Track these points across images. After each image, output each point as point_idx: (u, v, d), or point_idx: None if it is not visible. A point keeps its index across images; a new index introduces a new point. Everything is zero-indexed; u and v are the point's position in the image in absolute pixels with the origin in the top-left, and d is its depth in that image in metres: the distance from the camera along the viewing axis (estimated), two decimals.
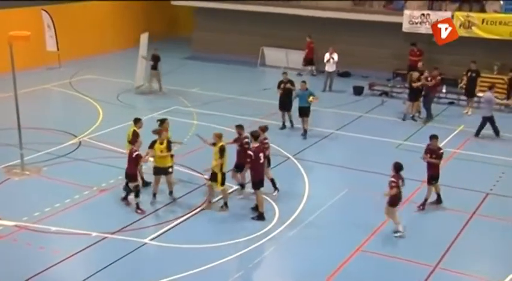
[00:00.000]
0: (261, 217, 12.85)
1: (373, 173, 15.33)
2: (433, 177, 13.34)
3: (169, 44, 33.13)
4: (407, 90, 20.76)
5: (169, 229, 12.44)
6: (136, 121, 14.36)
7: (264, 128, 13.67)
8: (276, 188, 13.92)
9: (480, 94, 21.91)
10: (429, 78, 19.89)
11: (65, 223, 12.58)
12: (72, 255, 11.39)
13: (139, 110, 20.76)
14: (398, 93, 22.96)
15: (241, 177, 13.97)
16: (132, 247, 11.68)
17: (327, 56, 24.00)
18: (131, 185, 13.11)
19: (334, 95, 23.73)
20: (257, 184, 12.79)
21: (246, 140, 13.44)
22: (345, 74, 26.80)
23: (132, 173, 13.07)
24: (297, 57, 27.62)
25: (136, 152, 12.94)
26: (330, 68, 24.03)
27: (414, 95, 19.92)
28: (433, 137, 13.47)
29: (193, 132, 13.86)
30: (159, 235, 12.16)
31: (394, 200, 12.29)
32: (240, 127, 13.83)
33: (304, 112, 18.12)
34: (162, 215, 13.06)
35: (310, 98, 17.84)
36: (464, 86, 21.31)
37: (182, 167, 15.58)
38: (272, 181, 13.86)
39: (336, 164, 16.08)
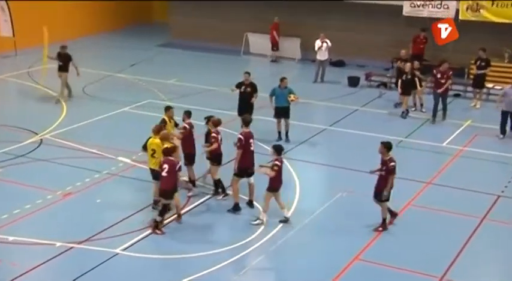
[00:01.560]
0: (236, 207, 13.30)
1: (367, 172, 15.30)
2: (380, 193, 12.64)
3: (143, 30, 33.03)
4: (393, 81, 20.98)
5: (143, 238, 12.33)
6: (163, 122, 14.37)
7: (217, 122, 13.91)
8: (224, 191, 13.95)
9: (490, 85, 22.03)
10: (438, 75, 19.28)
11: (25, 231, 12.42)
12: (33, 268, 11.24)
13: (108, 104, 20.65)
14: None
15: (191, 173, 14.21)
16: (102, 258, 11.57)
17: (318, 43, 23.98)
18: (165, 202, 12.59)
19: (326, 86, 23.75)
20: (242, 171, 13.20)
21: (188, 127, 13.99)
22: (338, 63, 26.82)
23: (172, 189, 12.56)
24: (286, 45, 27.62)
25: (180, 164, 12.68)
26: (321, 56, 24.04)
27: (407, 87, 19.87)
28: (385, 145, 12.78)
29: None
30: (131, 245, 12.05)
31: (275, 185, 12.64)
32: (185, 113, 14.28)
33: (283, 112, 17.29)
34: (135, 222, 12.94)
35: (292, 97, 17.07)
36: (472, 77, 21.43)
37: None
38: (216, 183, 13.94)
39: (329, 164, 16.07)
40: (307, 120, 18.94)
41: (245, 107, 17.44)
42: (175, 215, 13.01)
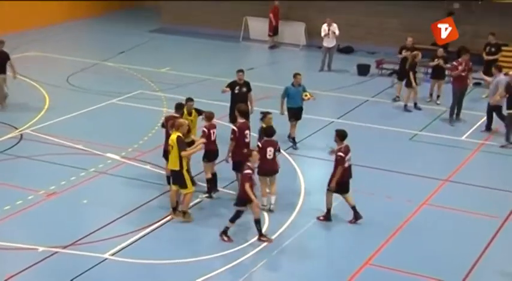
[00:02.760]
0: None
1: (382, 170, 15.30)
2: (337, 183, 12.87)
3: (133, 14, 32.98)
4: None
5: (133, 242, 12.31)
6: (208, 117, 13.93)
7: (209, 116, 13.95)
8: (209, 191, 13.97)
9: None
10: (459, 67, 18.61)
11: (4, 235, 12.38)
12: (14, 275, 11.19)
13: (95, 95, 20.63)
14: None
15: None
16: (89, 264, 11.54)
17: (324, 28, 23.94)
18: (240, 208, 12.36)
19: (334, 75, 23.73)
20: (236, 164, 13.44)
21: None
22: (346, 50, 26.79)
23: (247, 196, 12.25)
24: (289, 30, 27.58)
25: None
26: (329, 43, 24.01)
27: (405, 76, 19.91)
28: (338, 133, 13.07)
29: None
30: (121, 249, 12.03)
31: (262, 168, 13.08)
32: (205, 117, 14.02)
33: (298, 114, 16.81)
34: (125, 225, 12.93)
35: (307, 95, 16.62)
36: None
37: (148, 164, 15.53)
38: (208, 181, 13.93)
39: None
40: (312, 113, 18.87)
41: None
42: (176, 213, 13.09)
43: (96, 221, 12.97)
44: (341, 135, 13.00)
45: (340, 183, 12.90)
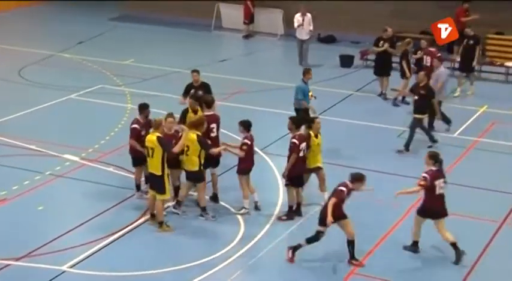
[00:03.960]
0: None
1: (368, 171, 15.31)
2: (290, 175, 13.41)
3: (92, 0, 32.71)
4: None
5: (94, 253, 12.25)
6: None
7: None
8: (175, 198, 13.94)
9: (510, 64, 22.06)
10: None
11: None
12: None
13: (50, 90, 20.51)
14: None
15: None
16: (45, 278, 11.46)
17: (298, 18, 23.58)
18: (321, 229, 11.92)
19: (314, 67, 23.44)
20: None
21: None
22: (328, 39, 26.86)
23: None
24: (265, 18, 27.59)
25: None
26: (303, 34, 23.70)
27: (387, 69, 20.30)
28: (289, 119, 13.63)
29: None
30: (81, 261, 11.98)
31: (246, 166, 13.47)
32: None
33: (299, 117, 16.99)
34: (85, 234, 12.86)
35: (311, 94, 16.89)
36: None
37: (111, 166, 15.48)
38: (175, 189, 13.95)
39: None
40: (290, 109, 18.88)
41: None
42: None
43: (53, 229, 12.89)
44: (296, 122, 13.60)
45: (295, 175, 13.26)
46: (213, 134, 13.80)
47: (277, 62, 24.76)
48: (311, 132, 13.76)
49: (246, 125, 13.49)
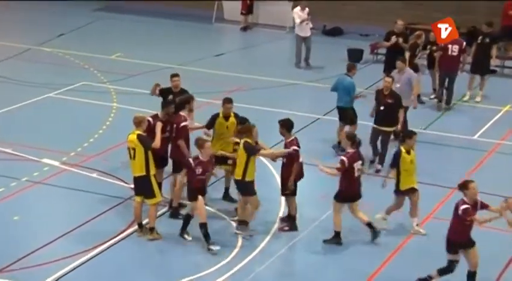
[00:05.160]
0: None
1: (379, 177, 15.31)
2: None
3: None
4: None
5: (78, 266, 12.23)
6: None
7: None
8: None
9: None
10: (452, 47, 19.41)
11: None
12: None
13: (28, 88, 20.47)
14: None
15: None
16: None
17: (299, 13, 23.11)
18: (454, 258, 11.56)
19: (319, 62, 23.65)
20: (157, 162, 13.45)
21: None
22: (334, 32, 26.86)
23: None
24: (269, 10, 27.58)
25: None
26: (307, 31, 23.33)
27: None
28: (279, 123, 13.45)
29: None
30: (63, 275, 11.96)
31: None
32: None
33: (350, 116, 16.96)
34: (67, 246, 12.83)
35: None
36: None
37: (95, 172, 15.45)
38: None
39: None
40: (293, 108, 18.90)
41: None
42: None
43: (31, 241, 12.85)
44: (287, 125, 13.33)
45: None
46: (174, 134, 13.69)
47: (282, 57, 24.66)
48: (402, 149, 13.27)
49: (288, 126, 13.32)
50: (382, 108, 15.97)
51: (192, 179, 12.64)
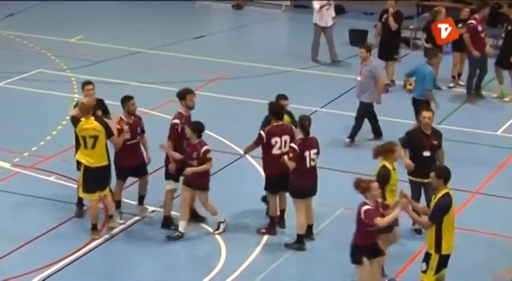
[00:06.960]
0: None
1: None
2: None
3: None
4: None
5: (56, 272, 12.38)
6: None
7: None
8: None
9: None
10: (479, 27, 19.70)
11: None
12: None
13: None
14: None
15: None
16: None
17: None
18: None
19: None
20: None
21: None
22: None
23: None
24: None
25: None
26: (328, 19, 22.68)
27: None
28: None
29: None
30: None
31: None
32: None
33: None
34: (21, 260, 12.91)
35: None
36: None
37: (53, 175, 15.51)
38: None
39: (321, 166, 15.97)
40: (290, 100, 18.89)
41: None
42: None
43: None
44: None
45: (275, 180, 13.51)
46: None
47: (274, 41, 24.67)
48: (385, 164, 12.33)
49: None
50: (427, 154, 13.79)
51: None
